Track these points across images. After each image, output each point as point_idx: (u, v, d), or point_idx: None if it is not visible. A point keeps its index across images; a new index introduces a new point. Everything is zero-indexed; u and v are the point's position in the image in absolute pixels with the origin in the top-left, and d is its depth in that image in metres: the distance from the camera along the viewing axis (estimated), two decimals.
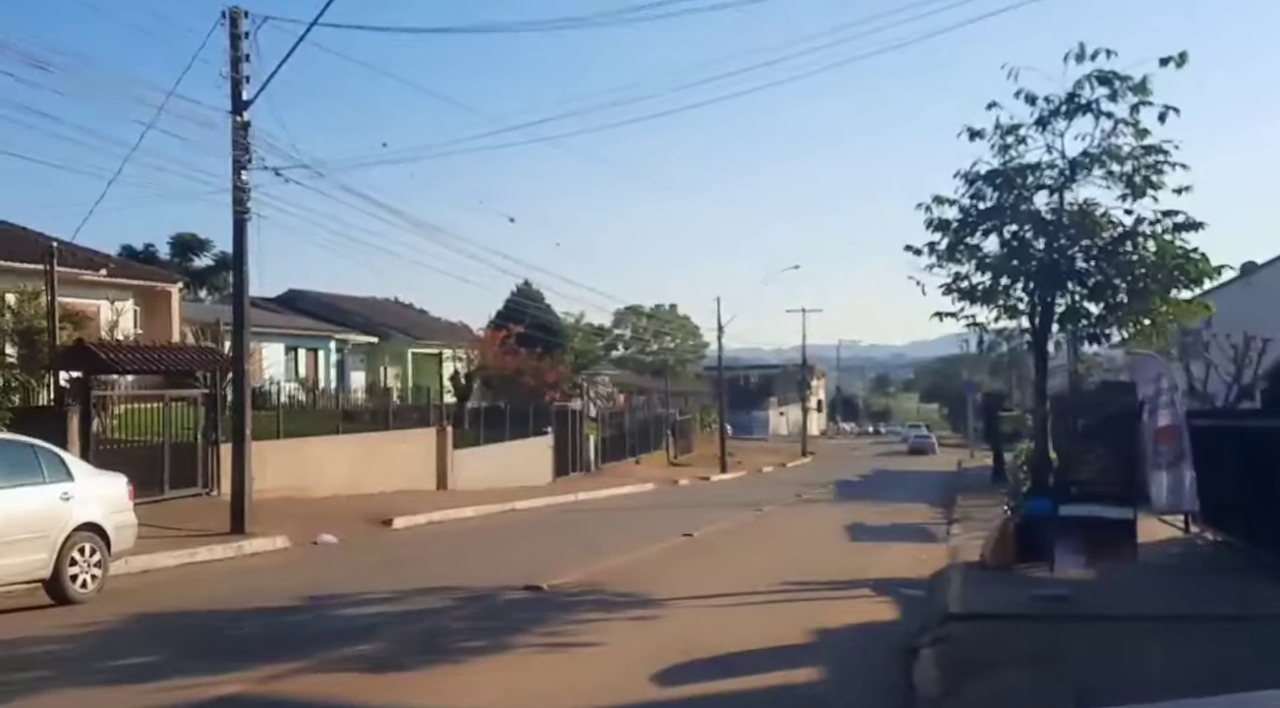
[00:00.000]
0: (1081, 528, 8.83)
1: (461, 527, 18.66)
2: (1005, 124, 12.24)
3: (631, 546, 14.28)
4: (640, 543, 14.63)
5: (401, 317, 47.47)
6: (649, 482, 35.39)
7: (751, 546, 15.20)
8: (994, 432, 39.29)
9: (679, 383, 79.55)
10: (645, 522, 19.67)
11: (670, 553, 13.78)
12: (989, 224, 12.42)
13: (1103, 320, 12.50)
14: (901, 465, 51.46)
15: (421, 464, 26.25)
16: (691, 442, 55.77)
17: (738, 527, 18.46)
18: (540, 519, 20.48)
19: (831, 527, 18.15)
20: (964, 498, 25.99)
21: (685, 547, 14.60)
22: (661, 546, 14.47)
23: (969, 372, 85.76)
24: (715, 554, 13.73)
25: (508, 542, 15.83)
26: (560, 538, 15.91)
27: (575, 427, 37.72)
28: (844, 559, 13.41)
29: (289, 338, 34.47)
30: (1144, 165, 11.55)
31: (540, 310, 46.71)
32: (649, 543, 14.65)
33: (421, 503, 21.31)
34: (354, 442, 23.58)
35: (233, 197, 14.49)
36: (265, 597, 9.65)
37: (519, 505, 23.35)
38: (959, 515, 20.60)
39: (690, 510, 22.96)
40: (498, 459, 30.56)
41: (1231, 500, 11.34)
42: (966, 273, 12.99)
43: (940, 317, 13.44)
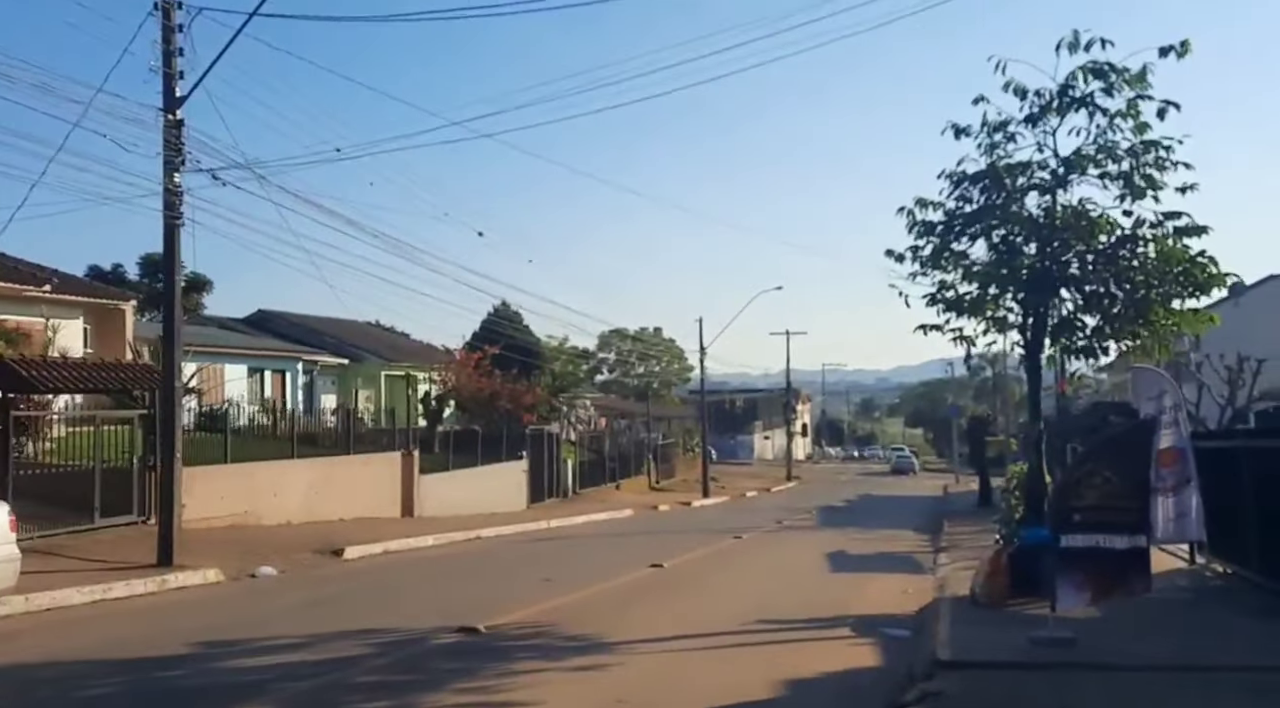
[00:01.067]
0: (1086, 560, 7.79)
1: (418, 557, 17.47)
2: (993, 121, 11.35)
3: (594, 578, 13.17)
4: (605, 575, 13.52)
5: (375, 339, 46.31)
6: (628, 507, 34.23)
7: (725, 577, 14.09)
8: (980, 456, 38.45)
9: (663, 407, 78.68)
10: (616, 551, 18.53)
11: (635, 586, 12.66)
12: (976, 228, 11.49)
13: (1099, 333, 11.54)
14: (887, 490, 50.44)
15: (386, 490, 25.05)
16: (674, 466, 54.68)
17: (713, 556, 17.35)
18: (504, 549, 19.30)
19: (812, 556, 17.07)
20: (950, 524, 25.02)
21: (653, 579, 13.48)
22: (627, 578, 13.35)
23: (954, 396, 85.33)
24: (684, 588, 12.62)
25: (461, 574, 14.67)
26: (519, 569, 14.77)
27: (552, 451, 36.58)
28: (824, 593, 12.33)
29: (253, 359, 33.28)
30: (1143, 163, 10.66)
31: (519, 332, 45.61)
32: (614, 575, 13.54)
33: (380, 531, 20.13)
34: (311, 466, 22.38)
35: (164, 200, 13.43)
36: (159, 642, 8.49)
37: (485, 534, 22.16)
38: (946, 543, 19.58)
39: (666, 538, 21.83)
40: (469, 485, 29.38)
41: (1244, 529, 10.36)
42: (952, 281, 12.05)
43: (925, 330, 12.47)
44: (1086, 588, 7.80)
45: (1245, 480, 10.23)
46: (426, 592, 12.44)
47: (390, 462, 25.53)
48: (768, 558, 17.11)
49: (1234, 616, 9.15)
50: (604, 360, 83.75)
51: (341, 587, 12.92)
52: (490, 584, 13.07)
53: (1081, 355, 11.85)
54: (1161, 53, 10.35)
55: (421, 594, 12.22)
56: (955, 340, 12.52)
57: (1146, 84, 10.66)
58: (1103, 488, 7.77)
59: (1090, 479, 7.80)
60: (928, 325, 12.44)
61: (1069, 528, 7.91)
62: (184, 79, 13.52)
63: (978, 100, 11.25)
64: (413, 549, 18.62)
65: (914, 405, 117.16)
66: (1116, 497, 7.72)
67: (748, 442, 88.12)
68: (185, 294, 51.54)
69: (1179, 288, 10.57)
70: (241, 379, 32.74)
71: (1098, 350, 11.69)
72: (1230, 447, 10.58)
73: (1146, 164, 10.58)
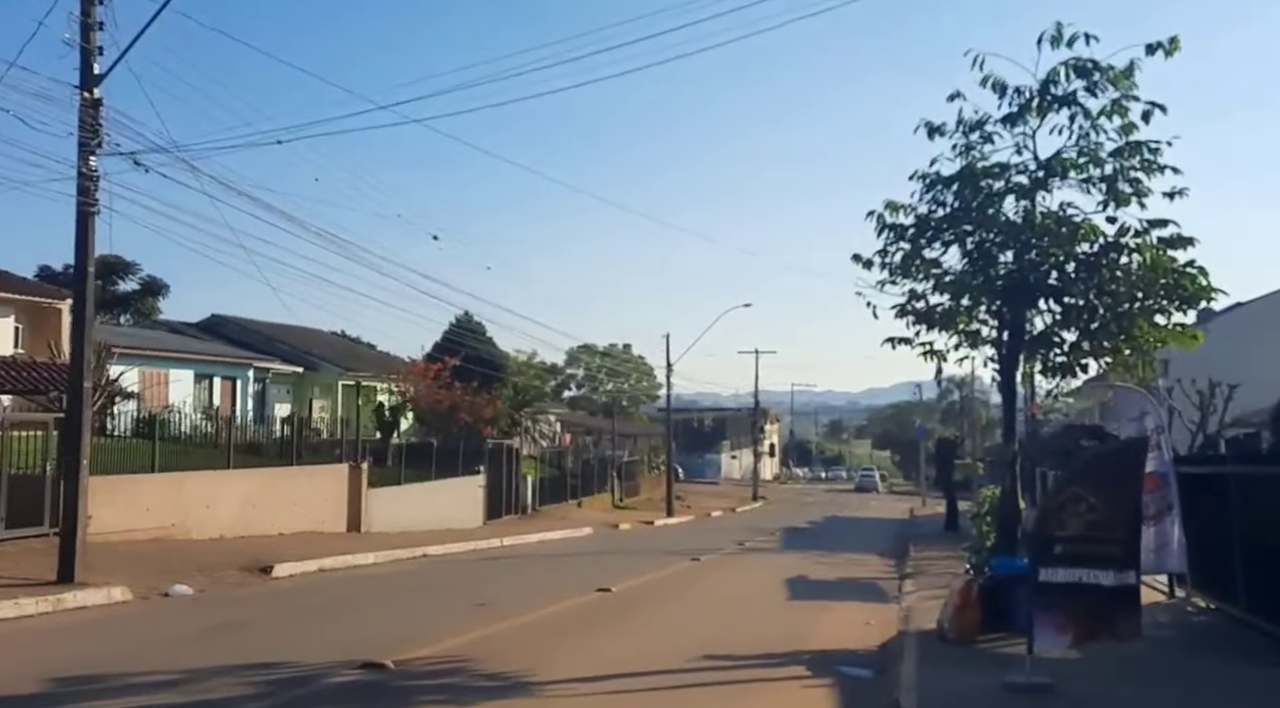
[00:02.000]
0: (1068, 598, 6.96)
1: (354, 576, 16.38)
2: (969, 119, 10.60)
3: (534, 603, 12.17)
4: (546, 599, 12.53)
5: (333, 347, 45.06)
6: (588, 526, 33.20)
7: (676, 604, 13.15)
8: (947, 479, 37.80)
9: (631, 424, 77.83)
10: (565, 572, 17.54)
11: (577, 614, 11.69)
12: (949, 233, 10.71)
13: (1077, 349, 10.78)
14: (853, 512, 49.76)
15: (331, 504, 23.88)
16: (638, 484, 53.70)
17: (667, 580, 16.40)
18: (448, 568, 18.24)
19: (772, 581, 16.18)
20: (916, 549, 24.25)
21: (597, 606, 12.51)
22: (570, 604, 12.37)
23: (921, 418, 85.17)
24: (629, 616, 11.66)
25: (392, 596, 13.61)
26: (456, 592, 13.73)
27: (511, 466, 35.50)
28: (780, 624, 11.43)
29: (200, 364, 31.97)
30: (1128, 167, 9.94)
31: (481, 343, 44.55)
32: (556, 600, 12.56)
33: (319, 547, 19.00)
34: (249, 477, 21.20)
35: (77, 185, 12.37)
36: (9, 678, 7.41)
37: (432, 551, 21.07)
38: (911, 569, 18.78)
39: (621, 559, 20.86)
40: (422, 500, 28.25)
41: (1230, 563, 9.61)
42: (923, 292, 11.26)
43: (893, 343, 11.65)
44: (1068, 630, 6.96)
45: (1234, 510, 9.49)
46: (347, 617, 11.39)
47: (336, 474, 24.37)
48: (724, 583, 16.20)
49: (1226, 661, 8.36)
50: (572, 376, 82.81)
51: (256, 610, 11.84)
52: (420, 609, 12.03)
53: (1059, 373, 11.08)
54: (1148, 50, 9.67)
55: (341, 620, 11.17)
56: (925, 355, 11.72)
57: (1132, 83, 9.97)
58: (1087, 516, 6.95)
59: (1073, 506, 6.98)
60: (896, 339, 11.63)
61: (1049, 561, 7.08)
62: (104, 55, 12.51)
63: (953, 97, 10.51)
64: (351, 567, 17.53)
65: (882, 427, 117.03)
66: (1103, 527, 6.90)
67: (715, 461, 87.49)
68: (141, 298, 50.21)
69: (1165, 301, 9.84)
70: (187, 385, 31.45)
71: (1076, 367, 10.93)
72: (1218, 473, 9.84)
73: (1132, 167, 9.87)
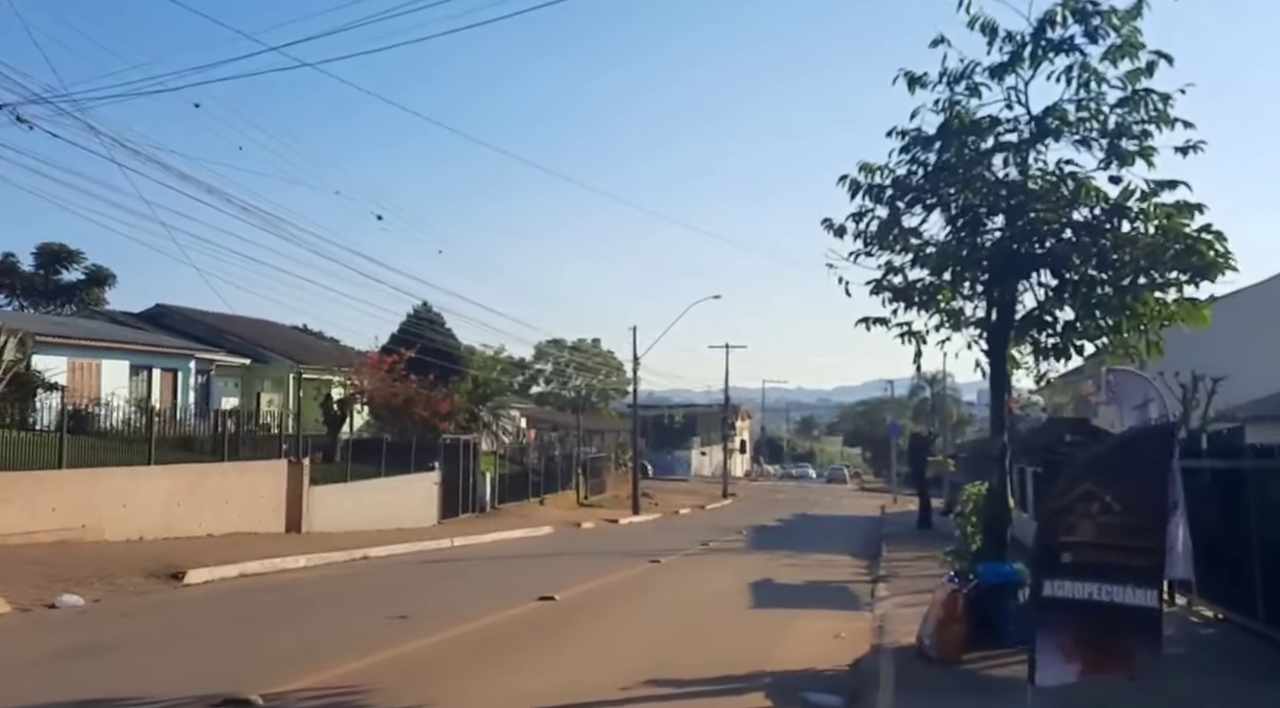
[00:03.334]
0: (1077, 617, 5.74)
1: (277, 582, 14.93)
2: (954, 69, 9.38)
3: (465, 614, 10.82)
4: (480, 609, 11.18)
5: (285, 339, 43.26)
6: (548, 525, 31.86)
7: (625, 615, 11.84)
8: (920, 476, 36.91)
9: (600, 420, 76.57)
10: (512, 576, 16.21)
11: (509, 628, 10.34)
12: (931, 197, 9.49)
13: (1072, 329, 9.59)
14: (824, 510, 48.73)
15: (268, 503, 22.34)
16: (605, 481, 52.39)
17: (620, 584, 15.08)
18: (384, 572, 16.84)
19: (735, 585, 14.92)
20: (889, 548, 23.16)
21: (536, 617, 11.16)
22: (504, 614, 11.02)
23: (893, 414, 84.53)
24: (568, 631, 10.34)
25: (305, 606, 12.20)
26: (379, 601, 12.33)
27: (469, 463, 34.06)
28: (741, 638, 10.17)
29: (136, 355, 30.13)
30: (1133, 121, 8.76)
31: (441, 335, 42.98)
32: (491, 610, 11.21)
33: (248, 550, 17.51)
34: (175, 474, 19.64)
35: None
36: None
37: (374, 553, 19.63)
38: (885, 571, 17.63)
39: (576, 561, 19.55)
40: (371, 498, 26.76)
41: (1246, 569, 8.47)
42: (901, 265, 10.03)
43: (867, 324, 10.42)
44: (1076, 657, 5.73)
45: (1250, 510, 8.34)
46: (242, 634, 9.94)
47: (274, 471, 22.83)
48: (682, 589, 14.91)
49: (1251, 682, 7.20)
50: (541, 371, 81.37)
51: (140, 626, 10.38)
52: (331, 622, 10.62)
53: (1051, 356, 9.88)
54: None
55: (233, 637, 9.73)
56: (903, 337, 10.48)
57: (1136, 29, 8.79)
58: (1101, 519, 5.73)
59: (1085, 506, 5.75)
60: (871, 319, 10.41)
61: (1055, 571, 5.85)
62: None
63: (937, 42, 9.28)
64: (278, 572, 16.07)
65: (853, 424, 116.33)
66: (1121, 532, 5.68)
67: (685, 458, 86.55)
68: (85, 288, 48.18)
69: (1174, 273, 8.66)
70: (122, 377, 29.66)
71: (1071, 349, 9.73)
72: (1231, 468, 8.68)
73: (1138, 121, 8.67)
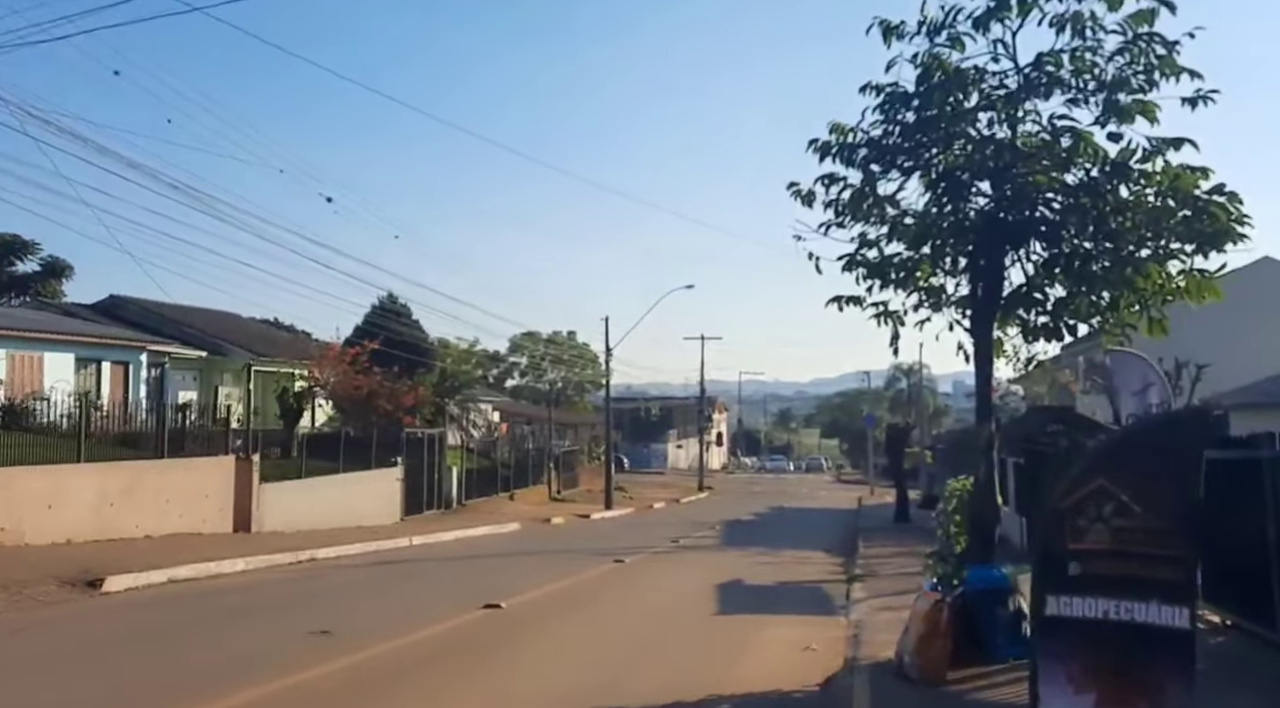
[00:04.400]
0: (1089, 640, 4.78)
1: (207, 589, 13.81)
2: (934, 18, 8.40)
3: (396, 626, 9.76)
4: (413, 622, 10.12)
5: (245, 331, 41.86)
6: (516, 521, 30.83)
7: (576, 625, 10.80)
8: (898, 468, 36.12)
9: (575, 413, 75.64)
10: (463, 579, 15.16)
11: (442, 644, 9.28)
12: (910, 161, 8.52)
13: (1063, 306, 8.66)
14: (801, 502, 47.96)
15: (214, 501, 21.14)
16: (578, 475, 51.38)
17: (577, 588, 14.04)
18: (326, 576, 15.74)
19: (701, 588, 13.94)
20: (866, 544, 22.31)
21: (473, 630, 10.10)
22: (439, 627, 9.95)
23: (870, 406, 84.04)
24: (508, 647, 9.29)
25: (223, 619, 11.08)
26: (304, 613, 11.20)
27: (434, 458, 32.92)
28: (701, 650, 9.19)
29: (82, 347, 28.76)
30: (1133, 72, 7.81)
31: (407, 327, 41.73)
32: (426, 622, 10.14)
33: (185, 553, 16.36)
34: (109, 472, 18.42)
35: None
36: None
37: (323, 554, 18.51)
38: (861, 569, 16.73)
39: (535, 561, 18.52)
40: (328, 495, 25.59)
41: (1261, 572, 7.57)
42: (877, 237, 9.07)
43: (839, 303, 9.46)
44: (1089, 687, 4.77)
45: (1267, 504, 7.44)
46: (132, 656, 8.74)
47: (221, 468, 21.62)
48: (644, 592, 13.90)
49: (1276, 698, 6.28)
50: (515, 364, 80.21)
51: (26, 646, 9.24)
52: (240, 640, 9.49)
53: (1041, 336, 8.95)
54: None
55: (120, 660, 8.55)
56: (878, 318, 9.55)
57: None
58: (1117, 522, 4.78)
59: (1098, 507, 4.80)
60: (844, 298, 9.45)
61: (1061, 585, 4.89)
62: None
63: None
64: (211, 577, 14.93)
65: (830, 416, 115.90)
66: (1143, 538, 4.72)
67: (661, 451, 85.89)
68: (43, 280, 46.53)
69: (1181, 241, 7.73)
70: (67, 370, 28.28)
71: (1063, 328, 8.81)
72: (1246, 459, 7.77)
73: (1139, 70, 7.72)
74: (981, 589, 7.90)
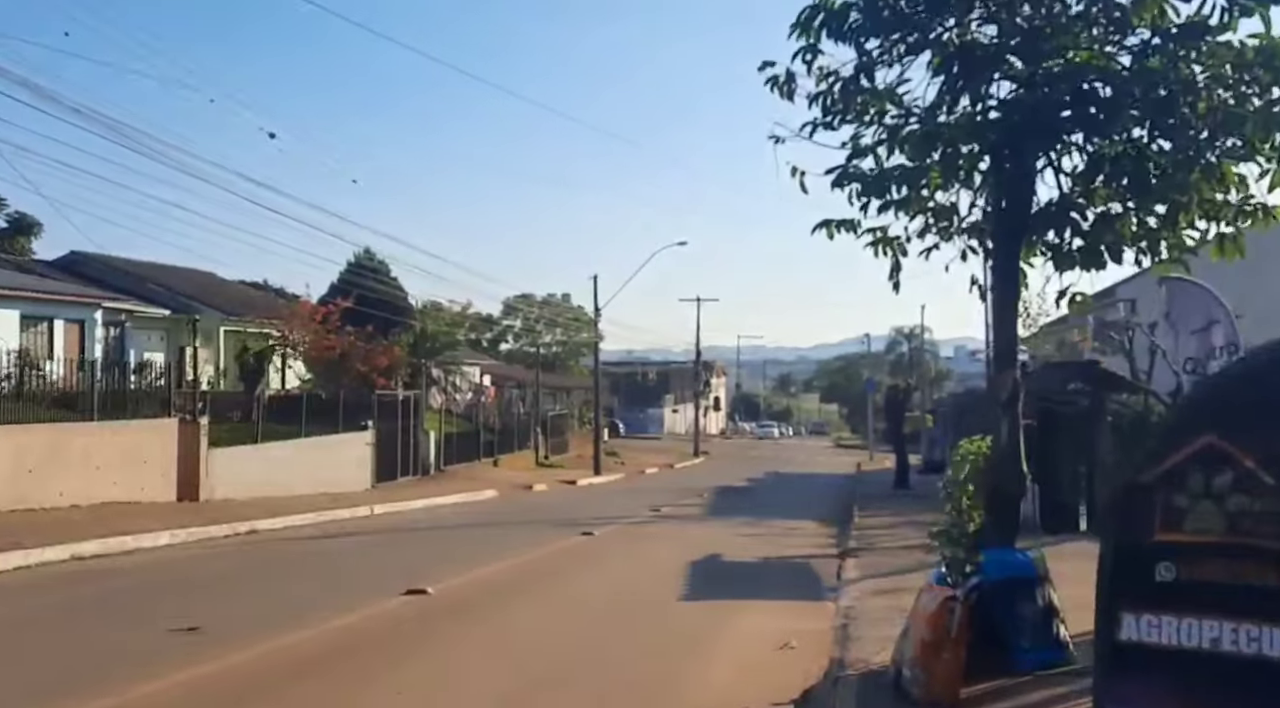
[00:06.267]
0: (1187, 682, 3.07)
1: (112, 567, 12.19)
2: None
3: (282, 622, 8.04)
4: (319, 611, 8.42)
5: (220, 292, 40.03)
6: (494, 488, 29.26)
7: (512, 615, 9.04)
8: (897, 432, 34.41)
9: (569, 377, 74.09)
10: (404, 554, 13.52)
11: (321, 647, 7.50)
12: (914, 35, 6.67)
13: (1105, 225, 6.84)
14: (798, 468, 46.45)
15: (154, 468, 19.49)
16: (567, 440, 49.85)
17: (527, 569, 12.24)
18: (256, 551, 14.10)
19: (672, 566, 12.25)
20: (862, 512, 20.69)
21: (382, 624, 8.30)
22: (336, 623, 8.09)
23: (870, 370, 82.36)
24: (420, 648, 7.55)
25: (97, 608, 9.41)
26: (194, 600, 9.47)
27: (410, 421, 31.27)
28: (652, 649, 7.51)
29: (29, 303, 26.95)
30: None
31: (386, 285, 39.86)
32: (334, 611, 8.43)
33: (106, 525, 14.76)
34: (25, 435, 16.73)
35: None
36: None
37: (264, 526, 16.89)
38: (855, 542, 15.09)
39: (498, 533, 16.90)
40: (289, 461, 23.97)
41: None
42: (875, 141, 7.23)
43: (829, 229, 7.65)
44: None
45: None
46: None
47: (162, 430, 19.93)
48: (605, 572, 12.18)
49: None
50: (510, 328, 78.47)
51: None
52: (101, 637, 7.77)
53: (1077, 265, 7.13)
54: None
55: None
56: (875, 246, 7.75)
57: None
58: (1236, 500, 3.04)
59: (1207, 474, 3.05)
60: (834, 222, 7.63)
61: (1144, 597, 3.16)
62: None
63: None
64: (125, 553, 13.31)
65: (830, 380, 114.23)
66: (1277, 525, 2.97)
67: (658, 415, 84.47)
68: (9, 237, 44.68)
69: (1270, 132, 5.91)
70: (11, 328, 26.52)
71: (1105, 255, 7.00)
72: None
73: None
74: (1002, 579, 6.20)
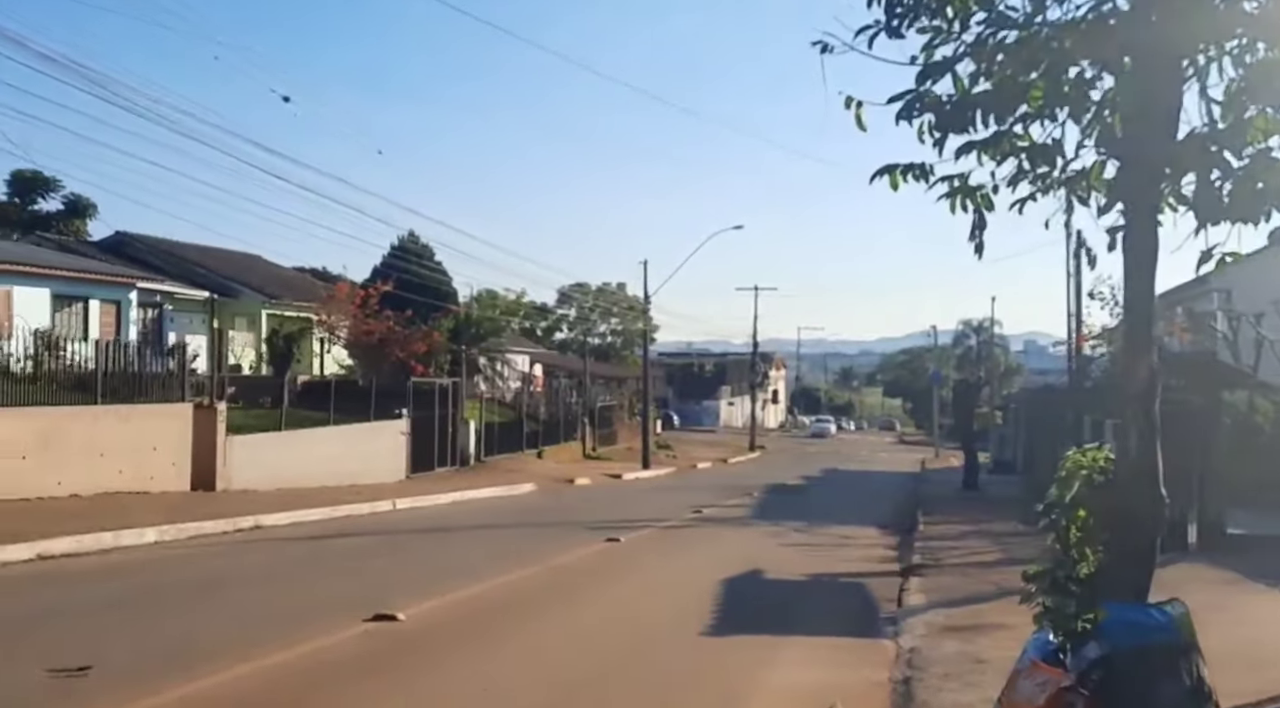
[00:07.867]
0: None
1: (75, 570, 10.96)
2: None
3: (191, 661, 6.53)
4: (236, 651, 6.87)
5: (262, 274, 39.36)
6: (533, 482, 27.90)
7: (491, 654, 7.32)
8: (967, 428, 32.26)
9: (624, 368, 72.72)
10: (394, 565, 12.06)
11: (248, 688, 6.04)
12: None
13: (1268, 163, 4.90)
14: (858, 465, 44.33)
15: (165, 456, 18.46)
16: (617, 432, 48.41)
17: (529, 586, 10.44)
18: (245, 552, 12.79)
19: (703, 584, 10.52)
20: (928, 517, 18.76)
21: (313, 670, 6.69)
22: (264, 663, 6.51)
23: (936, 364, 79.25)
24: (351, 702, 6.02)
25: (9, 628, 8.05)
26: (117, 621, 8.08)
27: (449, 410, 30.08)
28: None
29: (60, 282, 26.26)
30: None
31: (430, 269, 38.72)
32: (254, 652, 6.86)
33: (97, 519, 13.67)
34: (21, 419, 15.73)
35: None
36: None
37: (271, 521, 15.64)
38: (920, 555, 13.23)
39: (517, 535, 15.41)
40: (317, 450, 22.88)
41: None
42: (956, 55, 5.35)
43: (893, 175, 5.75)
44: None
45: None
46: None
47: (175, 416, 18.87)
48: (621, 592, 10.45)
49: None
50: (564, 317, 77.33)
51: None
52: None
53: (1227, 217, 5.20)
54: None
55: None
56: (952, 197, 5.81)
57: None
58: None
59: None
60: (900, 167, 5.71)
61: None
62: None
63: None
64: (101, 551, 12.11)
65: (894, 374, 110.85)
66: None
67: (714, 408, 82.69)
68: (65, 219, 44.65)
69: None
70: (43, 308, 25.85)
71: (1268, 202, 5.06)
72: None
73: None
74: (1132, 647, 4.37)
